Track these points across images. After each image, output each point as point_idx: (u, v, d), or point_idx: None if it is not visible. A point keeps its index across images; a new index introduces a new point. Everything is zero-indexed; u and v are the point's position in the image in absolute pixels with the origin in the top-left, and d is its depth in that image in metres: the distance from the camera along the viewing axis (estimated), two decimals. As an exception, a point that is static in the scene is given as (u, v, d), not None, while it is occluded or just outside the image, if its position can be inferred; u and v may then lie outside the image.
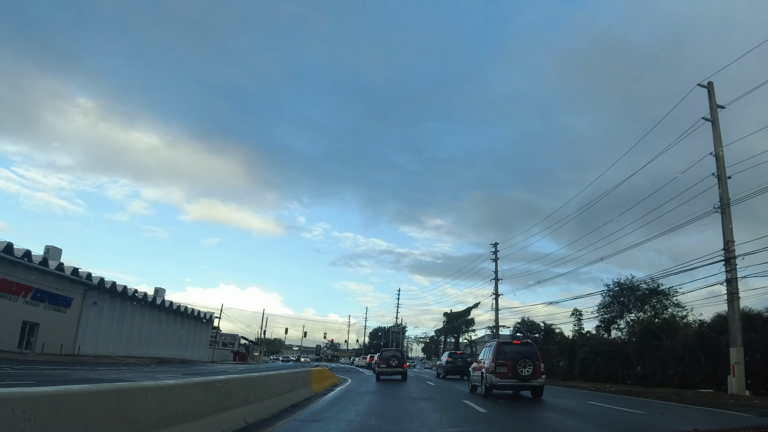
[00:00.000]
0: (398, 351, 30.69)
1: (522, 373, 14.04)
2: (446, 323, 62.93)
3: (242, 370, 28.11)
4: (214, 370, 32.94)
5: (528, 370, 14.09)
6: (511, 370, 14.15)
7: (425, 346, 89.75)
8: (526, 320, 44.60)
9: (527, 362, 14.20)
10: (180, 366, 37.90)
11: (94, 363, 30.98)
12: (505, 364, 14.29)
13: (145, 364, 36.51)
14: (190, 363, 46.86)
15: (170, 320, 49.84)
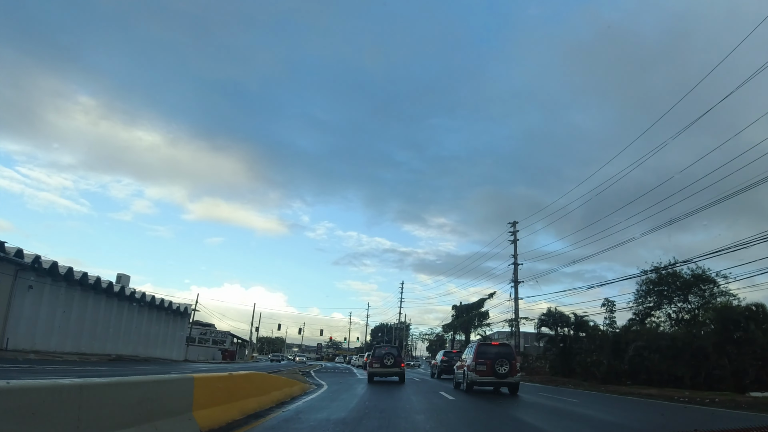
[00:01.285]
0: (394, 348, 23.95)
1: (499, 371, 15.60)
2: (455, 317, 55.47)
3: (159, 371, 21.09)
4: (151, 370, 25.75)
5: (505, 369, 15.64)
6: (489, 368, 15.67)
7: (430, 345, 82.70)
8: (553, 311, 37.29)
9: (504, 361, 15.74)
10: (136, 365, 30.94)
11: (13, 359, 24.74)
12: (485, 363, 15.81)
13: (91, 362, 29.85)
14: (156, 362, 39.82)
15: (135, 312, 42.77)
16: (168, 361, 41.97)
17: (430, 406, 11.14)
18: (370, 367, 22.42)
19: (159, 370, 24.39)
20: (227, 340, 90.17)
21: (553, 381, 29.60)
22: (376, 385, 18.00)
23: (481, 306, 48.47)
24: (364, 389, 15.01)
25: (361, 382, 19.87)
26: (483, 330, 46.39)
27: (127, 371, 21.12)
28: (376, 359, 22.33)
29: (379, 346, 24.59)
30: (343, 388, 16.06)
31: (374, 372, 22.21)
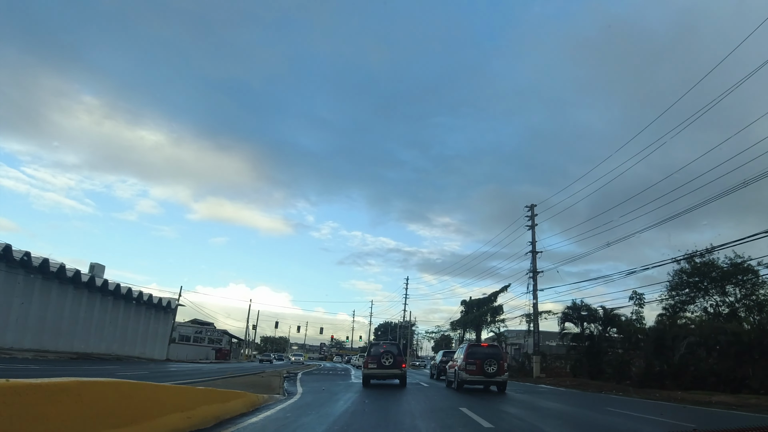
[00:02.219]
0: (393, 345, 19.89)
1: (488, 370, 16.61)
2: (464, 313, 50.72)
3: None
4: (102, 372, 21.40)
5: (493, 368, 16.65)
6: (479, 368, 16.68)
7: (436, 344, 78.16)
8: (579, 304, 32.64)
9: (493, 362, 16.73)
10: (91, 365, 26.68)
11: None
12: (474, 363, 16.83)
13: (46, 361, 25.65)
14: (129, 361, 35.54)
15: (108, 305, 38.52)
16: (144, 361, 37.65)
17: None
18: (365, 368, 18.18)
19: (88, 370, 20.00)
20: (224, 339, 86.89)
21: (584, 385, 24.97)
22: (370, 393, 13.63)
23: (493, 300, 43.75)
24: (348, 403, 10.50)
25: (352, 389, 15.36)
26: (497, 326, 41.75)
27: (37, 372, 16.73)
28: (372, 359, 18.10)
29: (375, 343, 20.34)
30: (321, 399, 11.50)
31: (370, 374, 18.05)
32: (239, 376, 19.87)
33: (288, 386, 15.76)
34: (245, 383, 15.57)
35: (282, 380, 18.13)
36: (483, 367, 16.64)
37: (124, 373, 18.27)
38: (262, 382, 16.06)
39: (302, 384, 16.92)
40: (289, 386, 15.93)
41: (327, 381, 19.80)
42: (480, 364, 16.73)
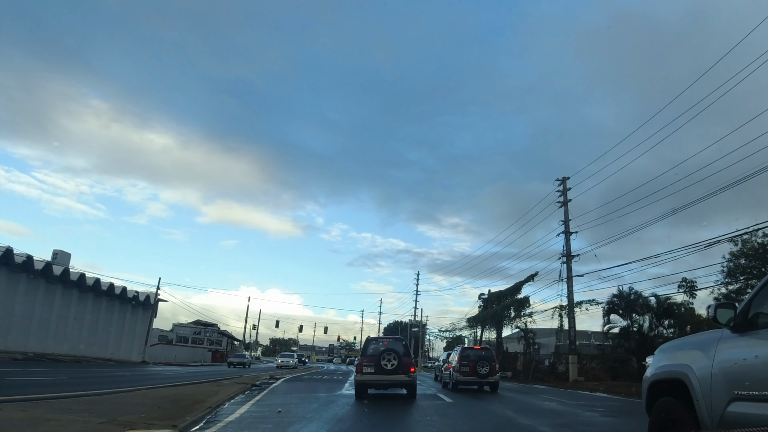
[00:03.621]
0: (398, 341, 14.49)
1: (480, 371, 17.33)
2: (482, 308, 44.81)
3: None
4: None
5: (485, 369, 17.40)
6: (472, 369, 17.39)
7: (447, 345, 72.22)
8: (626, 293, 26.85)
9: (485, 363, 17.53)
10: (30, 366, 21.51)
11: None
12: (468, 364, 17.55)
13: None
14: (92, 363, 30.35)
15: (72, 299, 33.44)
16: (111, 363, 32.42)
17: None
18: (359, 372, 12.80)
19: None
20: (223, 341, 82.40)
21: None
22: (357, 417, 8.02)
23: (517, 292, 37.87)
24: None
25: (328, 409, 9.71)
26: (523, 322, 35.89)
27: None
28: (368, 360, 12.86)
29: (374, 339, 14.72)
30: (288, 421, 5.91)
31: (366, 381, 12.74)
32: (186, 385, 14.47)
33: (234, 403, 10.30)
34: (171, 397, 10.22)
35: (237, 391, 12.67)
36: (476, 368, 17.44)
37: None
38: (196, 396, 10.65)
39: (262, 399, 11.41)
40: (237, 402, 10.46)
41: (304, 393, 14.19)
42: (473, 365, 17.53)
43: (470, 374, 17.44)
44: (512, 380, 33.00)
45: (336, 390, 15.09)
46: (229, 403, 10.18)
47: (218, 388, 13.57)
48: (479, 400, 12.57)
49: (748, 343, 3.32)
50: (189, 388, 12.94)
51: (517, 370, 35.76)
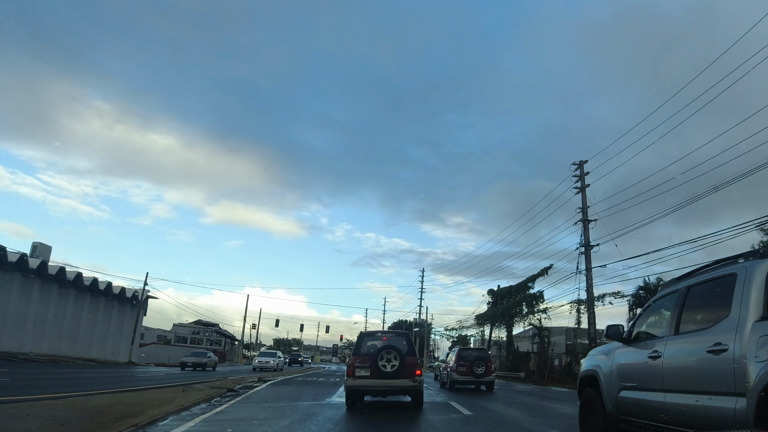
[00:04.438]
0: (401, 336, 11.77)
1: (477, 371, 17.88)
2: (492, 304, 42.11)
3: None
4: None
5: (481, 370, 17.91)
6: (469, 369, 17.97)
7: (452, 345, 69.70)
8: (653, 284, 24.34)
9: (481, 363, 18.01)
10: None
11: None
12: (465, 365, 18.13)
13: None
14: (73, 364, 28.03)
15: (52, 295, 31.15)
16: (93, 364, 30.08)
17: None
18: (351, 376, 10.20)
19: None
20: (223, 341, 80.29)
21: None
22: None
23: (530, 286, 35.22)
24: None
25: (306, 425, 7.22)
26: (537, 319, 33.11)
27: None
28: (362, 360, 10.30)
29: (370, 335, 11.93)
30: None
31: (359, 387, 10.25)
32: (143, 390, 12.06)
33: (180, 417, 7.85)
34: (100, 408, 7.85)
35: (200, 399, 10.22)
36: (472, 368, 17.95)
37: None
38: (137, 407, 8.23)
39: (223, 412, 8.94)
40: (186, 416, 8.01)
41: (283, 401, 11.59)
42: (470, 366, 18.04)
43: (467, 374, 18.09)
44: (526, 381, 30.38)
45: (325, 397, 12.54)
46: (174, 417, 7.73)
47: (179, 394, 11.14)
48: (503, 413, 10.00)
49: (631, 351, 5.16)
50: (141, 395, 10.51)
51: (530, 371, 33.13)
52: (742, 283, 3.81)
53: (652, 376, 4.57)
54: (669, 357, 4.38)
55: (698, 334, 4.13)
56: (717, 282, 4.20)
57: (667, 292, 5.05)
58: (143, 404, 8.76)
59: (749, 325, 3.56)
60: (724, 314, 3.88)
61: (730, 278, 3.99)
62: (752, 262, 3.89)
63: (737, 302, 3.78)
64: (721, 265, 4.35)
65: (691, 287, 4.54)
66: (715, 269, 4.38)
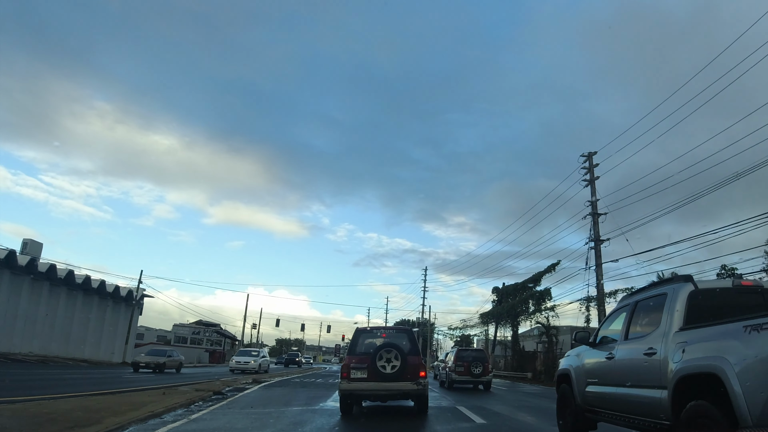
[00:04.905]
0: (402, 333, 10.49)
1: (474, 371, 18.45)
2: (497, 303, 40.94)
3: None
4: None
5: (479, 370, 18.51)
6: (466, 369, 18.56)
7: (456, 344, 68.61)
8: (666, 279, 22.76)
9: (478, 363, 18.62)
10: None
11: None
12: (463, 365, 18.73)
13: None
14: (62, 365, 27.02)
15: (42, 293, 30.14)
16: (83, 365, 29.06)
17: None
18: (346, 378, 9.04)
19: None
20: (223, 341, 79.37)
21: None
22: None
23: (537, 283, 34.03)
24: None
25: None
26: (545, 316, 31.86)
27: None
28: (358, 360, 9.21)
29: (366, 331, 10.55)
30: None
31: (356, 391, 9.08)
32: (119, 393, 10.98)
33: (149, 427, 6.78)
34: (54, 415, 6.83)
35: (179, 403, 9.15)
36: (470, 368, 18.42)
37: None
38: (100, 413, 7.17)
39: (198, 420, 7.85)
40: (154, 425, 6.94)
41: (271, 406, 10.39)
42: (468, 366, 18.52)
43: (465, 374, 18.65)
44: (533, 382, 29.22)
45: (318, 401, 11.40)
46: (137, 426, 6.68)
47: (157, 398, 10.06)
48: (520, 422, 8.87)
49: (595, 353, 6.09)
50: (113, 399, 9.44)
51: (537, 371, 31.96)
52: (669, 301, 4.76)
53: (608, 374, 5.59)
54: (619, 358, 5.38)
55: (639, 340, 5.07)
56: (654, 299, 5.14)
57: (623, 304, 6.09)
58: (108, 410, 7.70)
59: (672, 333, 4.51)
60: (656, 325, 4.85)
61: (662, 296, 4.94)
62: (677, 284, 4.87)
63: (665, 316, 4.74)
64: (659, 285, 5.44)
65: (638, 302, 5.49)
66: (654, 288, 5.36)
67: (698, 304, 4.67)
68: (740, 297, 4.87)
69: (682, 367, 4.15)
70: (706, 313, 4.55)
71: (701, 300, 4.71)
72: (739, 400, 3.48)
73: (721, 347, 3.82)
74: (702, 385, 3.95)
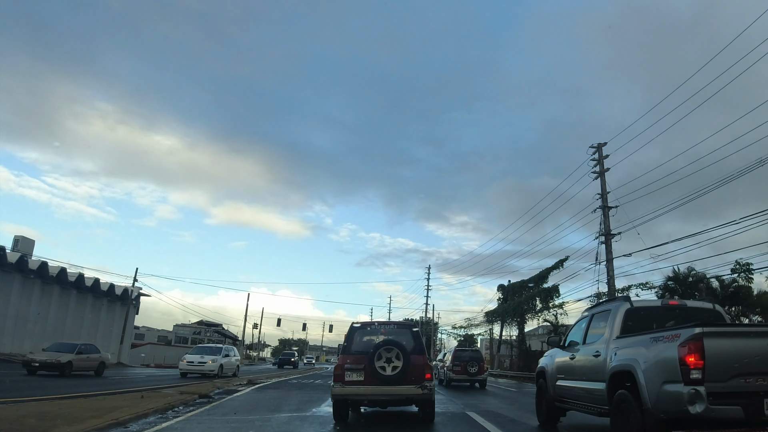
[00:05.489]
0: (404, 329, 9.04)
1: (470, 370, 19.53)
2: (502, 301, 39.83)
3: None
4: None
5: (475, 369, 19.58)
6: (463, 368, 19.60)
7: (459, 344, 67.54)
8: (683, 274, 22.15)
9: (474, 363, 19.73)
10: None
11: None
12: (460, 364, 19.76)
13: None
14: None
15: (34, 292, 29.27)
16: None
17: None
18: (340, 381, 7.88)
19: None
20: (224, 341, 78.61)
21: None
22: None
23: (544, 280, 32.92)
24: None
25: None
26: (553, 314, 30.80)
27: None
28: (354, 361, 8.05)
29: (362, 328, 9.08)
30: None
31: (351, 396, 7.98)
32: (92, 396, 10.00)
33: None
34: (4, 424, 5.74)
35: (155, 408, 8.15)
36: (467, 367, 19.50)
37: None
38: (54, 420, 6.15)
39: (167, 429, 6.84)
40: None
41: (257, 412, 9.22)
42: (464, 365, 19.57)
43: (462, 373, 19.63)
44: (540, 382, 28.15)
45: (311, 406, 10.31)
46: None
47: (133, 402, 9.07)
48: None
49: (563, 353, 7.46)
50: (80, 403, 8.46)
51: (544, 371, 30.87)
52: (612, 316, 6.23)
53: (571, 370, 6.93)
54: (578, 358, 6.77)
55: (591, 345, 6.49)
56: (603, 313, 6.60)
57: (584, 315, 7.44)
58: (66, 417, 6.70)
59: (611, 340, 5.98)
60: (602, 333, 6.30)
61: (607, 312, 6.45)
62: (619, 303, 6.41)
63: (608, 327, 6.19)
64: (608, 302, 7.07)
65: (593, 314, 6.92)
66: (605, 305, 6.93)
67: (632, 318, 6.04)
68: (667, 313, 6.28)
69: (613, 366, 5.53)
70: (638, 325, 5.87)
71: (635, 316, 6.09)
72: (643, 390, 4.79)
73: (636, 352, 5.15)
74: (624, 379, 5.25)
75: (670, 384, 4.45)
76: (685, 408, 4.26)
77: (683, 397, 4.27)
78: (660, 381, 4.58)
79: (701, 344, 4.32)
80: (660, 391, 4.55)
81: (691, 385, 4.27)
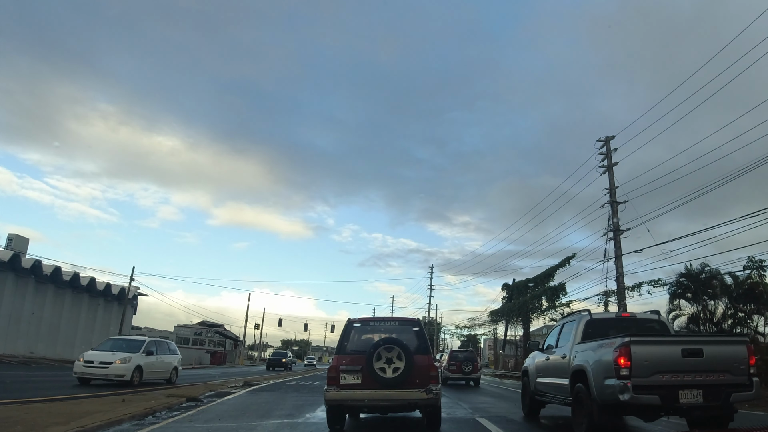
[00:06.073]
0: (405, 325, 7.94)
1: (465, 370, 20.96)
2: (507, 300, 39.01)
3: None
4: None
5: (469, 368, 21.01)
6: (458, 368, 21.00)
7: (462, 344, 66.77)
8: (696, 271, 21.37)
9: (469, 363, 21.18)
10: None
11: None
12: (455, 364, 21.17)
13: None
14: (47, 366, 25.43)
15: (28, 290, 28.65)
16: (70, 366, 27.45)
17: None
18: (335, 385, 6.95)
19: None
20: (225, 342, 77.90)
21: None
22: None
23: (550, 278, 32.09)
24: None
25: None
26: (560, 312, 29.93)
27: None
28: (350, 362, 7.10)
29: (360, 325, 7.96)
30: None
31: (347, 402, 7.01)
32: (64, 399, 9.29)
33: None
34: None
35: (135, 413, 7.43)
36: (461, 367, 20.96)
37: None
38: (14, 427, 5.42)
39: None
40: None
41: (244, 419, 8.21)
42: (459, 365, 21.06)
43: (457, 372, 20.84)
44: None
45: (305, 411, 9.47)
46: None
47: (111, 406, 8.36)
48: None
49: (542, 355, 8.95)
50: (51, 407, 7.76)
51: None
52: (575, 325, 7.69)
53: (547, 369, 8.52)
54: (552, 359, 8.34)
55: (561, 348, 7.99)
56: (570, 323, 8.16)
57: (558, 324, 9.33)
58: (28, 423, 5.99)
59: (574, 345, 7.37)
60: (568, 339, 7.71)
61: (573, 321, 7.99)
62: (580, 315, 7.93)
63: (572, 334, 7.61)
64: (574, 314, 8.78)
65: (564, 323, 8.64)
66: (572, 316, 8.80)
67: (591, 327, 7.38)
68: (620, 323, 7.69)
69: (573, 366, 6.95)
70: (596, 333, 7.12)
71: (593, 325, 7.42)
72: (591, 384, 6.25)
73: (588, 354, 6.64)
74: (580, 376, 6.65)
75: (608, 379, 5.84)
76: (617, 397, 5.64)
77: (616, 388, 5.66)
78: (602, 377, 6.01)
79: (629, 349, 5.71)
80: (602, 384, 5.98)
81: (621, 380, 5.65)
